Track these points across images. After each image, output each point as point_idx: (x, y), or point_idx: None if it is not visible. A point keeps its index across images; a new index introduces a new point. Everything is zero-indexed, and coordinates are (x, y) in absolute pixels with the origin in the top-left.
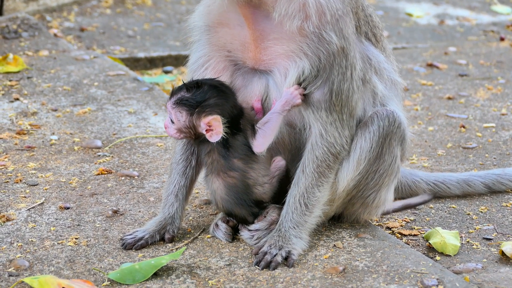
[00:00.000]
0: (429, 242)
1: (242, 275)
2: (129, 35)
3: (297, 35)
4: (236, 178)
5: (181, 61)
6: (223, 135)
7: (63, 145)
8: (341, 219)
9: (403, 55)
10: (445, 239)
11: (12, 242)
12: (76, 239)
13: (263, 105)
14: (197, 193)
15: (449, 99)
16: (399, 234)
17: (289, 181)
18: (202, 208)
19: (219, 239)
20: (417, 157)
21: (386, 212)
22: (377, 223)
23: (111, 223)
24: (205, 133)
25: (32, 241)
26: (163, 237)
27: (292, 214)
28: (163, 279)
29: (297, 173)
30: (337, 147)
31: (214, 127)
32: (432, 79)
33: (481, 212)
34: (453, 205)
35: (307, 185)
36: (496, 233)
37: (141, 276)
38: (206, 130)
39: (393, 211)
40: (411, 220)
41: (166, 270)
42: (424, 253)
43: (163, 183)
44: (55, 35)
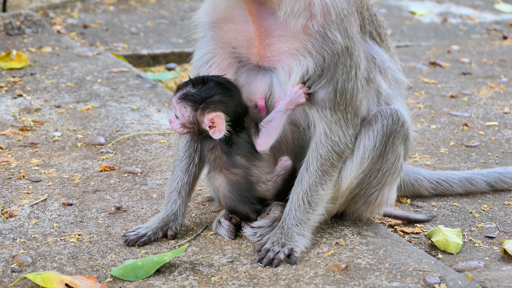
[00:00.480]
0: (432, 240)
1: (244, 272)
2: (132, 32)
3: (301, 34)
4: (239, 175)
5: (184, 58)
6: (226, 133)
7: (66, 141)
8: (343, 217)
9: (406, 53)
10: (448, 237)
11: (15, 238)
12: (79, 235)
13: (266, 103)
14: (200, 190)
15: (452, 97)
16: (402, 232)
17: (292, 179)
18: (205, 205)
19: (222, 236)
20: (420, 155)
21: (386, 214)
22: (380, 221)
23: (114, 220)
24: (208, 129)
25: (35, 237)
26: (166, 234)
27: (295, 211)
28: (165, 275)
29: (300, 171)
30: (341, 146)
31: (217, 124)
32: (435, 77)
33: (484, 210)
34: (456, 203)
35: (311, 183)
36: (498, 232)
37: (144, 272)
38: (209, 126)
39: (393, 217)
40: None
41: (168, 266)
42: (426, 251)
43: (166, 180)
44: (58, 32)
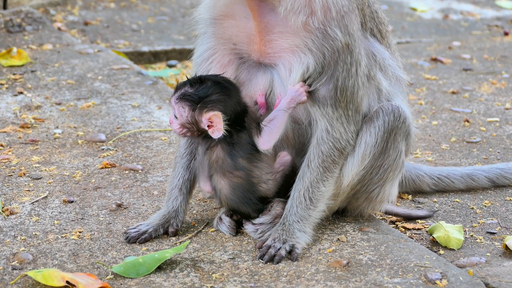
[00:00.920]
0: (433, 236)
1: (246, 269)
2: (133, 29)
3: (302, 31)
4: (241, 177)
5: (185, 55)
6: (225, 132)
7: (67, 138)
8: (345, 213)
9: (407, 49)
10: (449, 233)
11: (15, 235)
12: (79, 232)
13: (267, 100)
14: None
15: (453, 93)
16: (403, 228)
17: (293, 176)
18: (206, 201)
19: (223, 233)
20: (421, 151)
21: (388, 212)
22: (381, 217)
23: (115, 217)
24: (207, 129)
25: (35, 234)
26: (167, 230)
27: (296, 208)
28: (166, 272)
29: (302, 167)
30: (343, 143)
31: (215, 123)
32: (436, 73)
33: (485, 206)
34: (457, 199)
35: (312, 179)
36: (499, 227)
37: (145, 269)
38: (208, 126)
39: (395, 214)
40: None
41: (169, 263)
42: (427, 247)
43: (167, 177)
44: (59, 29)
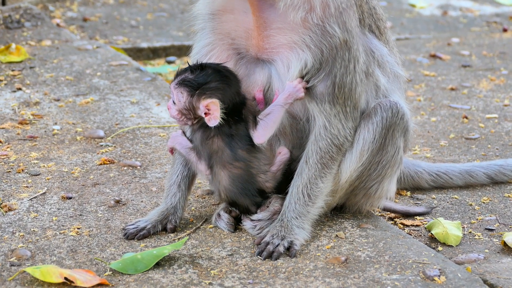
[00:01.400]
0: (431, 232)
1: (244, 265)
2: (132, 25)
3: (300, 27)
4: (241, 168)
5: (184, 51)
6: (221, 121)
7: (66, 135)
8: (343, 210)
9: (406, 46)
10: (447, 229)
11: (14, 232)
12: (78, 229)
13: (265, 95)
14: (200, 183)
15: (452, 90)
16: (401, 224)
17: (291, 172)
18: (204, 198)
19: (221, 229)
20: (420, 147)
21: (386, 209)
22: (379, 214)
23: (113, 213)
24: (204, 116)
25: (34, 231)
26: (165, 227)
27: (295, 204)
28: (165, 269)
29: (300, 164)
30: (341, 139)
31: (212, 110)
32: (435, 70)
33: (483, 202)
34: (456, 196)
35: (310, 176)
36: (498, 224)
37: (143, 266)
38: (205, 113)
39: (393, 211)
40: None
41: (168, 260)
42: (426, 244)
43: (165, 173)
44: (58, 25)
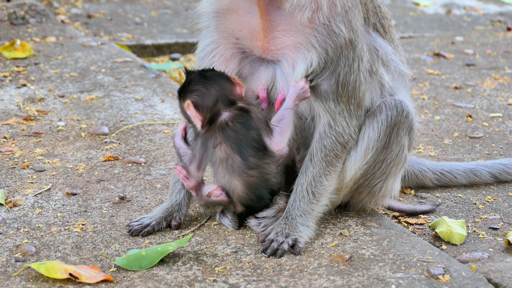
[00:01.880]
0: (436, 231)
1: (248, 263)
2: (137, 22)
3: (306, 27)
4: (256, 176)
5: (188, 48)
6: (204, 127)
7: (70, 131)
8: (347, 208)
9: (410, 44)
10: (452, 228)
11: (19, 227)
12: (82, 225)
13: (268, 95)
14: (204, 180)
15: (456, 88)
16: (406, 223)
17: (295, 169)
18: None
19: (226, 226)
20: (424, 146)
21: (392, 208)
22: (384, 212)
23: (118, 210)
24: (194, 119)
25: (38, 227)
26: (170, 224)
27: (299, 202)
28: (169, 265)
29: (305, 162)
30: (345, 137)
31: (190, 112)
32: (439, 68)
33: (488, 201)
34: (460, 195)
35: (315, 173)
36: (502, 223)
37: (148, 262)
38: (193, 117)
39: (398, 210)
40: None
41: (172, 256)
42: (430, 242)
43: (170, 170)
44: (63, 22)
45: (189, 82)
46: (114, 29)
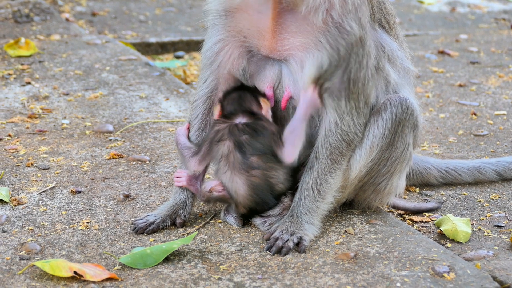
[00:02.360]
0: (440, 229)
1: (253, 260)
2: (141, 20)
3: (317, 29)
4: (258, 177)
5: (192, 46)
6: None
7: (75, 129)
8: (352, 206)
9: (414, 42)
10: (457, 226)
11: (23, 225)
12: (87, 223)
13: (274, 92)
14: (209, 178)
15: (461, 86)
16: (410, 220)
17: (299, 168)
18: None
19: (230, 224)
20: (429, 144)
21: (397, 207)
22: (388, 210)
23: (123, 208)
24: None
25: (43, 225)
26: (175, 221)
27: (304, 200)
28: (174, 263)
29: (310, 159)
30: (351, 135)
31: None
32: (443, 66)
33: (493, 199)
34: (465, 192)
35: (320, 171)
36: (507, 221)
37: (153, 260)
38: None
39: (403, 209)
40: None
41: (177, 254)
42: (435, 240)
43: (174, 168)
44: (67, 20)
45: (233, 89)
46: (118, 27)
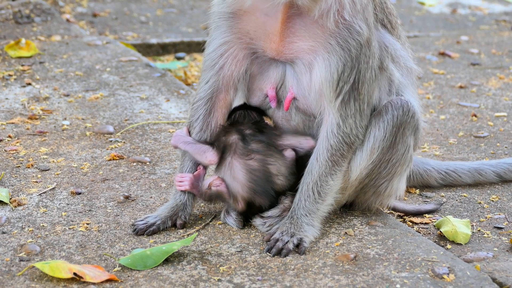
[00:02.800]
0: (440, 230)
1: (253, 262)
2: (142, 21)
3: (328, 30)
4: (257, 160)
5: (193, 47)
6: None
7: (75, 130)
8: (352, 207)
9: (415, 43)
10: (456, 227)
11: (23, 227)
12: (87, 224)
13: (277, 93)
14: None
15: (461, 88)
16: (410, 222)
17: (300, 168)
18: None
19: (230, 226)
20: (429, 145)
21: (397, 209)
22: (389, 211)
23: (123, 209)
24: None
25: (43, 226)
26: (175, 223)
27: (304, 201)
28: (174, 265)
29: (310, 161)
30: (352, 137)
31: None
32: (444, 67)
33: (492, 201)
34: (465, 194)
35: (321, 173)
36: (507, 222)
37: (152, 262)
38: None
39: (403, 211)
40: None
41: (177, 256)
42: (435, 242)
43: (175, 169)
44: (68, 20)
45: (241, 106)
46: (119, 28)
